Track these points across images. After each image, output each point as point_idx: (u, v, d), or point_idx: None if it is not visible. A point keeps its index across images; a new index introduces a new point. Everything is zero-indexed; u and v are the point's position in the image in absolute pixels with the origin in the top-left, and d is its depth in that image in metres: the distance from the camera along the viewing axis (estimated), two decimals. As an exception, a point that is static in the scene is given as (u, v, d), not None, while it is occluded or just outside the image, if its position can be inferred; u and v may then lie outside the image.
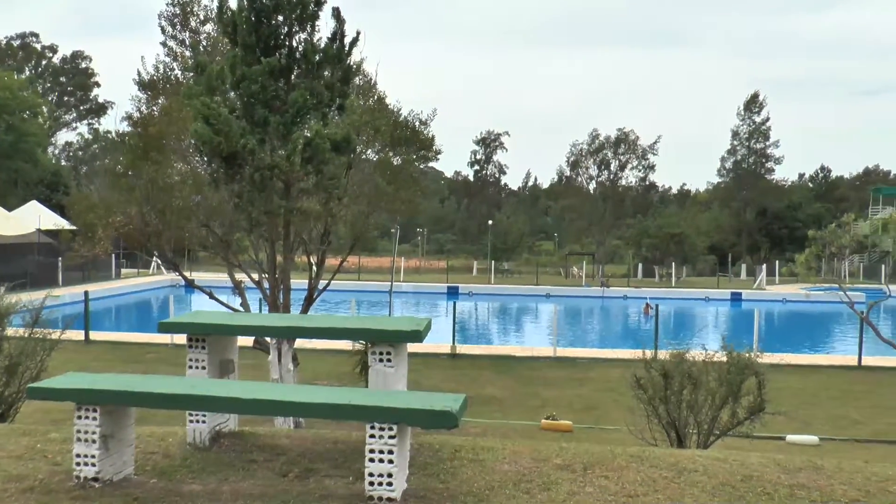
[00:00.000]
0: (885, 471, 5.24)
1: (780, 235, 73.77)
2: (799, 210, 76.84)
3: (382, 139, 16.65)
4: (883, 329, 20.51)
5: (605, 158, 69.66)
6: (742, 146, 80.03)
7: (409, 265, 61.71)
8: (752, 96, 79.79)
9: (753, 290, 49.44)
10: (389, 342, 5.43)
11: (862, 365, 22.38)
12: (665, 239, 60.26)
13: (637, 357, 11.21)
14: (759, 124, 79.35)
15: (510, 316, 43.11)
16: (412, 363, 8.94)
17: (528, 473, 4.81)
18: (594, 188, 71.00)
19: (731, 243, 73.68)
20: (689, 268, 60.71)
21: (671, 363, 10.40)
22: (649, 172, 71.33)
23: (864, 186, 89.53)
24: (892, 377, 20.51)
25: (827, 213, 66.90)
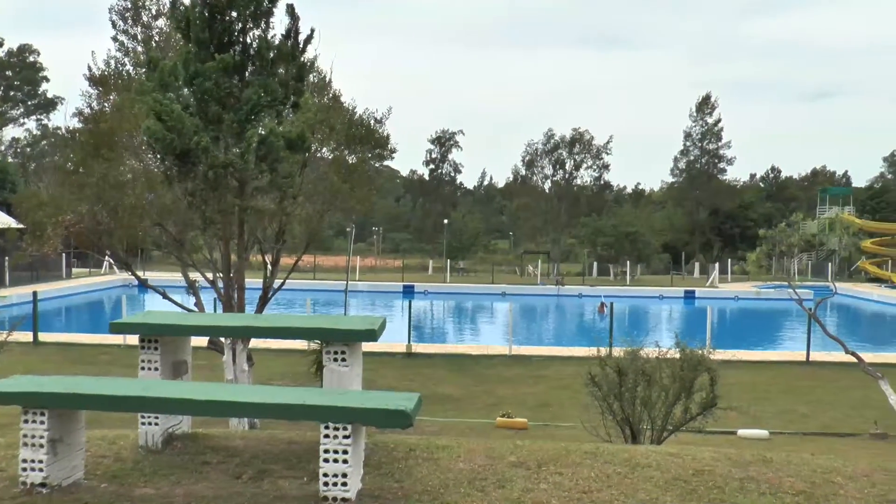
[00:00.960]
0: (830, 463, 5.36)
1: (732, 234, 74.97)
2: (750, 209, 78.16)
3: (337, 137, 16.57)
4: (829, 325, 20.94)
5: (561, 158, 70.16)
6: (695, 147, 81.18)
7: (365, 264, 61.52)
8: (704, 98, 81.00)
9: (706, 288, 50.14)
10: (344, 341, 5.41)
11: (810, 360, 22.86)
12: (619, 238, 60.85)
13: (592, 355, 11.32)
14: (711, 125, 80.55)
15: (466, 315, 43.20)
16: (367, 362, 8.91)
17: (483, 471, 4.82)
18: (549, 187, 71.45)
19: (684, 242, 74.68)
20: (643, 266, 61.40)
21: (625, 360, 10.52)
22: (604, 172, 72.05)
23: (812, 187, 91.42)
24: (837, 372, 20.95)
25: (777, 212, 68.21)
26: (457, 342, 30.31)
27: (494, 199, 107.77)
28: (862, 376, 17.43)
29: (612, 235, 61.48)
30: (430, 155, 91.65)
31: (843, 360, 19.08)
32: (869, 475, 5.05)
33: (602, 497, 4.43)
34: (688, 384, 10.36)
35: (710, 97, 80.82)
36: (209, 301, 16.22)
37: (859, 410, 16.98)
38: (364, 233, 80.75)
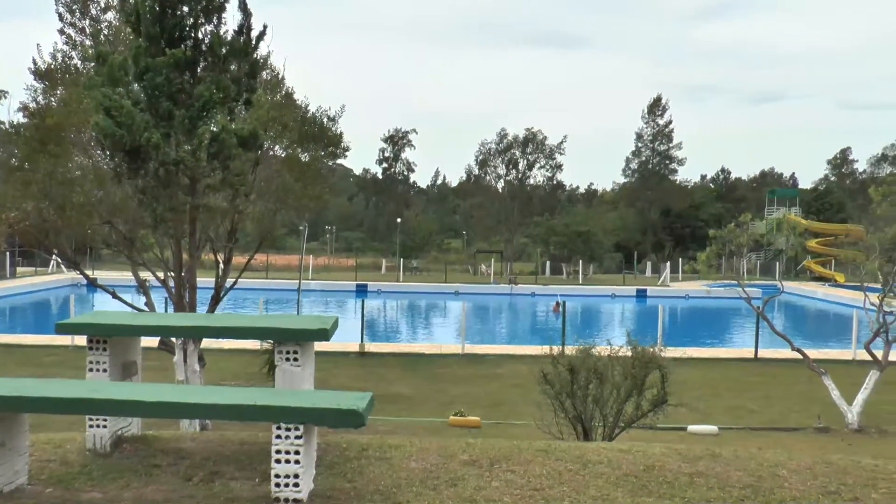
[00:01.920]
0: (776, 457, 5.47)
1: (683, 234, 76.04)
2: (701, 210, 79.36)
3: (290, 135, 16.46)
4: (777, 323, 21.32)
5: (514, 158, 70.43)
6: (646, 148, 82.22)
7: (318, 263, 61.18)
8: (655, 99, 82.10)
9: (658, 287, 50.78)
10: (296, 341, 5.37)
11: (758, 357, 23.30)
12: (572, 237, 61.30)
13: (544, 353, 11.40)
14: (662, 127, 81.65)
15: (419, 314, 43.19)
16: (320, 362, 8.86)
17: (436, 470, 4.82)
18: (502, 187, 71.70)
19: (636, 241, 75.52)
20: (595, 265, 61.96)
21: (577, 359, 10.61)
22: (557, 172, 72.46)
23: (760, 188, 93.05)
24: (784, 368, 21.38)
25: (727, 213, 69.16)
26: (410, 341, 30.29)
27: (448, 198, 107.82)
28: (807, 372, 17.81)
29: (564, 235, 61.91)
30: (384, 154, 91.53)
31: (790, 356, 19.48)
32: (811, 468, 5.16)
33: (553, 494, 4.47)
34: (639, 381, 10.49)
35: (661, 99, 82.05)
36: (160, 301, 15.99)
37: (804, 405, 17.35)
38: (317, 232, 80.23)
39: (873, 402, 16.43)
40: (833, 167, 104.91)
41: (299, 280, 27.58)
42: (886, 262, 17.73)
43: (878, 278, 18.24)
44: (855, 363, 21.35)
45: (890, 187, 17.49)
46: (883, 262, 17.78)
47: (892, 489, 4.82)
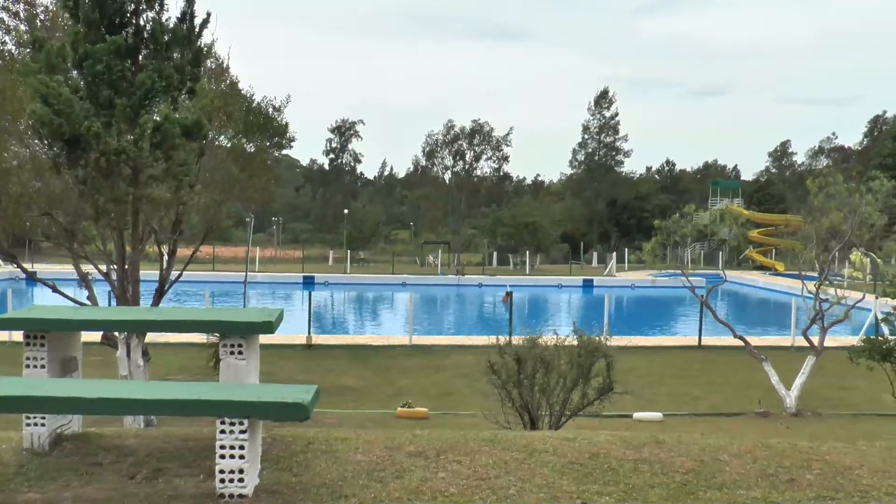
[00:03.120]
0: (718, 441, 5.58)
1: (628, 225, 76.94)
2: (646, 201, 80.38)
3: (235, 125, 16.26)
4: (720, 311, 21.73)
5: (461, 149, 70.64)
6: (593, 140, 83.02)
7: (264, 255, 60.61)
8: (602, 92, 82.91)
9: (604, 277, 51.34)
10: (241, 334, 5.31)
11: (701, 345, 23.74)
12: (519, 228, 61.64)
13: (491, 343, 11.46)
14: (608, 119, 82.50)
15: (366, 305, 43.08)
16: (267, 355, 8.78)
17: (382, 462, 4.82)
18: (449, 178, 71.85)
19: (582, 232, 76.26)
20: (542, 256, 62.39)
21: (524, 348, 10.69)
22: (503, 163, 72.91)
23: (704, 179, 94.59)
24: (726, 355, 21.80)
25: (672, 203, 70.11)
26: (357, 333, 30.22)
27: (395, 189, 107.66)
28: (748, 359, 18.20)
29: (511, 226, 62.24)
30: (330, 144, 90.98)
31: (732, 343, 19.87)
32: (751, 451, 5.28)
33: (500, 483, 4.50)
34: (585, 370, 10.61)
35: (608, 92, 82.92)
36: (103, 294, 15.68)
37: (746, 391, 17.73)
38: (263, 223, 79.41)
39: (810, 386, 16.87)
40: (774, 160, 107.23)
41: (245, 272, 27.35)
42: (823, 252, 18.16)
43: (815, 267, 18.70)
44: (793, 349, 21.87)
45: (826, 179, 17.89)
46: (819, 251, 18.22)
47: (825, 470, 4.96)
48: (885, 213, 17.61)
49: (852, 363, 12.42)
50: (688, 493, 4.47)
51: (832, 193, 17.65)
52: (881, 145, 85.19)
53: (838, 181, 17.77)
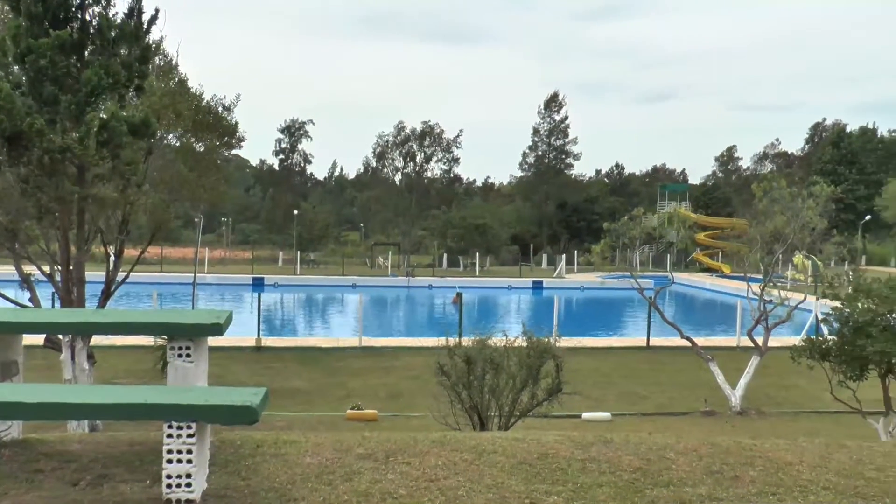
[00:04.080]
0: (665, 440, 5.66)
1: (578, 227, 77.59)
2: (596, 203, 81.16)
3: (184, 124, 16.09)
4: (668, 312, 22.06)
5: (411, 150, 70.58)
6: (543, 142, 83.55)
7: (214, 256, 59.93)
8: (552, 96, 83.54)
9: (553, 279, 51.73)
10: (188, 336, 5.24)
11: (650, 345, 24.06)
12: (469, 230, 61.82)
13: (441, 345, 11.49)
14: (558, 122, 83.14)
15: (316, 307, 42.85)
16: (216, 357, 8.71)
17: (331, 465, 4.80)
18: (400, 179, 71.76)
19: (532, 234, 76.71)
20: (492, 258, 62.64)
21: (474, 350, 10.74)
22: (454, 165, 72.98)
23: (652, 183, 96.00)
24: (674, 356, 22.13)
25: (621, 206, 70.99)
26: (307, 335, 30.03)
27: (345, 190, 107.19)
28: (695, 359, 18.52)
29: (461, 227, 62.39)
30: (280, 145, 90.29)
31: (679, 344, 20.20)
32: (697, 449, 5.37)
33: (449, 484, 4.51)
34: (534, 371, 10.70)
35: (558, 95, 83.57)
36: (46, 296, 15.36)
37: (692, 390, 18.03)
38: (213, 223, 78.52)
39: (754, 385, 17.23)
40: (720, 164, 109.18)
41: (194, 273, 27.00)
42: (767, 254, 18.55)
43: (759, 269, 19.09)
44: (739, 349, 22.28)
45: (770, 184, 18.28)
46: (764, 254, 18.60)
47: (767, 466, 5.07)
48: (826, 217, 18.05)
49: (794, 363, 12.69)
50: (635, 492, 4.53)
51: (776, 198, 18.04)
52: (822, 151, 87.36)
53: (782, 186, 18.18)
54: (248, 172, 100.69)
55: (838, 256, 26.70)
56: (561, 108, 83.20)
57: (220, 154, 19.24)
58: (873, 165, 79.41)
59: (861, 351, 11.53)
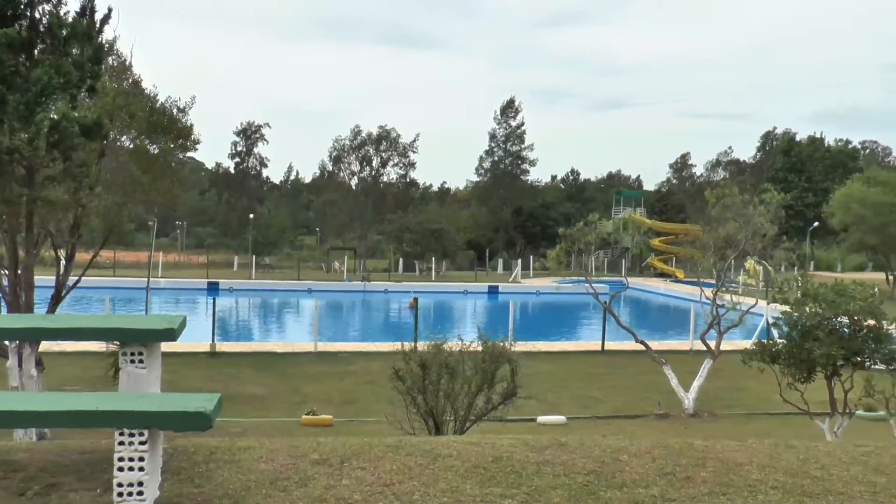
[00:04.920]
0: (619, 443, 5.73)
1: (534, 232, 78.03)
2: (551, 209, 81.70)
3: (138, 125, 15.89)
4: (622, 317, 22.29)
5: (367, 154, 70.39)
6: (499, 148, 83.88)
7: (168, 260, 59.19)
8: (509, 101, 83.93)
9: (509, 284, 51.94)
10: (141, 342, 5.17)
11: (604, 350, 24.28)
12: (425, 235, 61.81)
13: (397, 349, 11.49)
14: (514, 128, 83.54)
15: (272, 312, 42.53)
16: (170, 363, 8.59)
17: (285, 471, 4.77)
18: (356, 184, 71.55)
19: (488, 239, 76.93)
20: (448, 262, 62.72)
21: (429, 354, 10.76)
22: (410, 170, 72.93)
23: (608, 189, 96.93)
24: (629, 360, 22.36)
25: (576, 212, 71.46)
26: (262, 340, 29.82)
27: (301, 194, 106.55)
28: (650, 363, 18.73)
29: (417, 232, 62.36)
30: (236, 147, 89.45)
31: (634, 348, 20.41)
32: (650, 451, 5.44)
33: (403, 489, 4.51)
34: (489, 375, 10.75)
35: (514, 101, 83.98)
36: (-9, 301, 15.06)
37: (647, 393, 18.24)
38: (167, 227, 77.58)
39: (707, 388, 17.48)
40: (674, 171, 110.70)
41: (148, 278, 26.66)
42: (719, 260, 18.84)
43: (712, 274, 19.38)
44: (692, 353, 22.57)
45: (722, 191, 18.58)
46: (716, 259, 18.89)
47: (718, 467, 5.16)
48: (776, 223, 18.40)
49: (745, 366, 12.92)
50: (589, 494, 4.57)
51: (728, 205, 18.34)
52: (773, 159, 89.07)
53: (734, 193, 18.49)
54: (203, 175, 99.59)
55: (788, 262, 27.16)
56: (517, 113, 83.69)
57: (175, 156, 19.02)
58: (821, 174, 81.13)
59: (809, 354, 11.78)
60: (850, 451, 5.84)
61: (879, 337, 11.88)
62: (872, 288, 13.10)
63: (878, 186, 48.79)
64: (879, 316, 12.02)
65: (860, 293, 12.29)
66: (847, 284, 12.71)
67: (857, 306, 12.00)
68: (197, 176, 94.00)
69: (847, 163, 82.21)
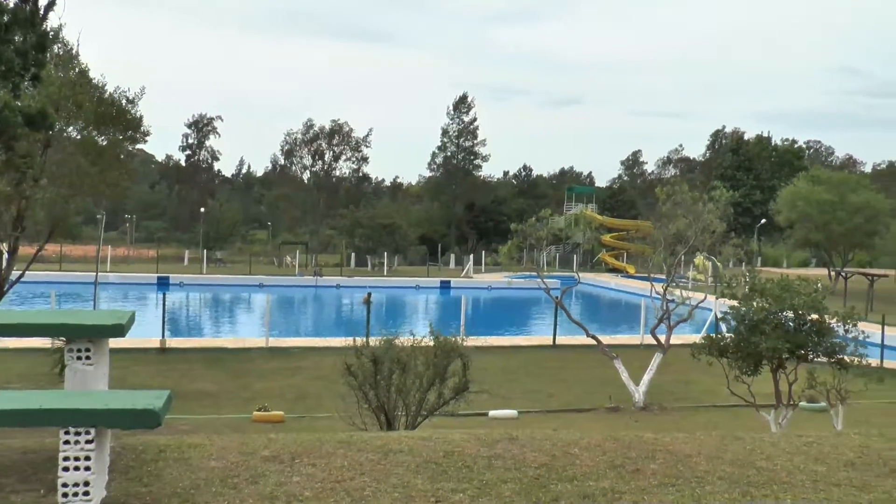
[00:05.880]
0: (570, 436, 5.79)
1: (486, 228, 78.24)
2: (504, 205, 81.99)
3: (85, 116, 15.59)
4: (574, 311, 22.48)
5: (320, 149, 69.91)
6: (452, 143, 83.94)
7: (117, 254, 58.21)
8: (461, 97, 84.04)
9: (461, 279, 52.05)
10: (88, 338, 5.09)
11: (556, 344, 24.45)
12: (378, 229, 61.64)
13: (348, 345, 11.44)
14: (467, 124, 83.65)
15: (223, 307, 42.09)
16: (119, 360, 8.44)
17: (236, 468, 4.74)
18: (308, 178, 71.05)
19: (441, 234, 77.01)
20: (400, 258, 62.64)
21: (381, 349, 10.74)
22: (363, 164, 72.63)
23: (560, 185, 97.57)
24: (579, 354, 22.55)
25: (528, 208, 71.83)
26: (213, 336, 29.48)
27: (253, 188, 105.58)
28: (601, 357, 18.91)
29: (370, 227, 62.17)
30: (187, 140, 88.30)
31: (585, 342, 20.59)
32: (601, 444, 5.51)
33: (355, 485, 4.51)
34: (441, 370, 10.76)
35: (467, 97, 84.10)
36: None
37: (598, 387, 18.41)
38: (116, 220, 76.09)
39: (657, 381, 17.71)
40: (626, 168, 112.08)
41: (96, 272, 26.20)
42: (670, 256, 19.09)
43: (663, 270, 19.64)
44: (642, 347, 22.83)
45: (673, 188, 18.81)
46: (667, 255, 19.14)
47: (667, 459, 5.24)
48: (725, 220, 18.69)
49: (694, 359, 13.12)
50: (540, 487, 4.61)
51: (678, 201, 18.57)
52: (722, 157, 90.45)
53: (684, 190, 18.73)
54: (153, 168, 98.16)
55: (736, 258, 27.65)
56: (470, 109, 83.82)
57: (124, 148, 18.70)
58: (768, 172, 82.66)
59: (755, 347, 12.00)
60: (793, 441, 5.98)
61: (822, 331, 12.16)
62: (816, 283, 13.41)
63: (822, 185, 49.89)
64: (822, 310, 12.31)
65: (804, 288, 12.57)
66: (792, 280, 12.98)
67: (801, 301, 12.26)
68: (147, 168, 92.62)
69: (793, 162, 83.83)
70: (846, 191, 49.01)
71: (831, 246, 51.90)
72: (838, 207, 47.83)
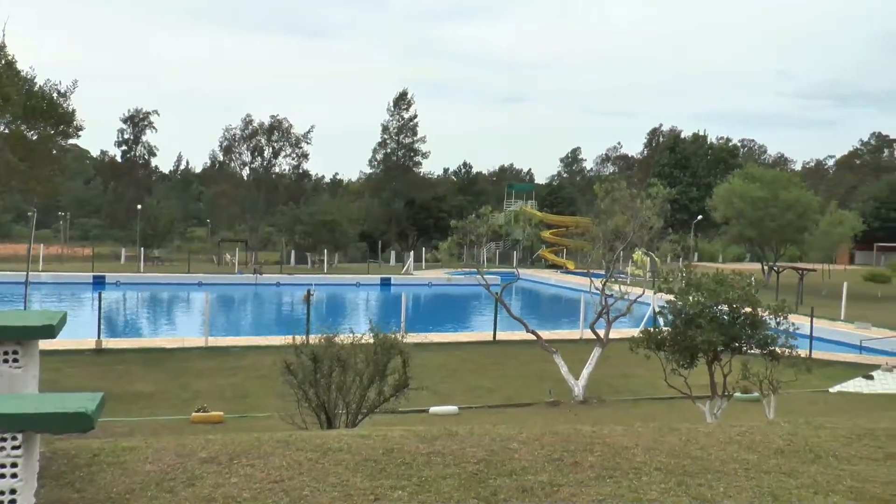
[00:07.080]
0: (509, 431, 5.83)
1: (426, 224, 78.37)
2: (444, 201, 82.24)
3: (13, 110, 15.20)
4: (514, 307, 22.62)
5: (259, 145, 69.10)
6: (392, 140, 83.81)
7: (50, 252, 56.86)
8: (402, 94, 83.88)
9: (402, 276, 52.00)
10: (16, 339, 4.96)
11: (496, 340, 24.59)
12: (318, 226, 61.29)
13: (288, 343, 11.35)
14: (407, 120, 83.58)
15: (161, 306, 41.37)
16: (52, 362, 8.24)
17: (172, 471, 4.66)
18: (247, 174, 70.22)
19: (381, 231, 76.89)
20: (341, 255, 62.36)
21: (321, 347, 10.69)
22: (303, 161, 71.96)
23: (500, 182, 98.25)
24: (519, 349, 22.73)
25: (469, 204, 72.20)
26: (151, 335, 28.94)
27: (191, 184, 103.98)
28: (540, 352, 19.08)
29: (310, 224, 61.78)
30: (123, 135, 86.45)
31: (525, 338, 20.75)
32: (540, 439, 5.56)
33: (293, 485, 4.48)
34: (381, 367, 10.76)
35: (407, 93, 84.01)
36: None
37: (538, 382, 18.58)
38: (49, 218, 74.19)
39: (596, 375, 17.95)
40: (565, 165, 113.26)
41: (27, 272, 25.53)
42: (608, 251, 19.35)
43: (601, 265, 19.89)
44: (582, 342, 23.09)
45: (611, 185, 19.06)
46: (605, 251, 19.40)
47: (605, 451, 5.32)
48: (662, 216, 19.02)
49: (633, 353, 13.33)
50: (479, 482, 4.63)
51: (617, 198, 18.83)
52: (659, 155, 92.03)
53: (622, 187, 18.99)
54: (87, 164, 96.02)
55: (673, 253, 28.14)
56: (410, 106, 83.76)
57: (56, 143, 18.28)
58: (704, 169, 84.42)
59: (691, 341, 12.26)
60: (727, 431, 6.13)
61: (755, 323, 12.46)
62: (749, 277, 13.72)
63: (756, 182, 51.09)
64: (755, 304, 12.61)
65: (738, 283, 12.86)
66: (727, 274, 13.28)
67: (735, 295, 12.55)
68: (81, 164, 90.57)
69: (728, 159, 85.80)
70: (778, 188, 50.31)
71: (764, 241, 53.21)
72: (771, 204, 49.08)
